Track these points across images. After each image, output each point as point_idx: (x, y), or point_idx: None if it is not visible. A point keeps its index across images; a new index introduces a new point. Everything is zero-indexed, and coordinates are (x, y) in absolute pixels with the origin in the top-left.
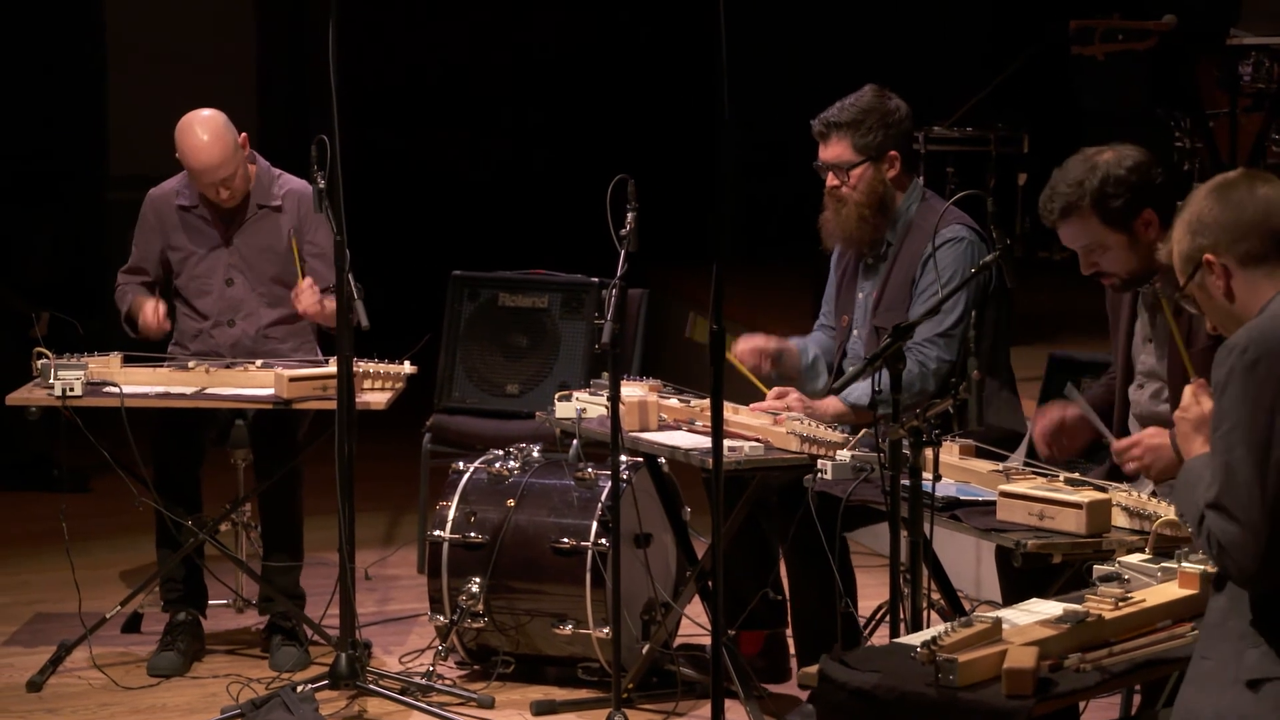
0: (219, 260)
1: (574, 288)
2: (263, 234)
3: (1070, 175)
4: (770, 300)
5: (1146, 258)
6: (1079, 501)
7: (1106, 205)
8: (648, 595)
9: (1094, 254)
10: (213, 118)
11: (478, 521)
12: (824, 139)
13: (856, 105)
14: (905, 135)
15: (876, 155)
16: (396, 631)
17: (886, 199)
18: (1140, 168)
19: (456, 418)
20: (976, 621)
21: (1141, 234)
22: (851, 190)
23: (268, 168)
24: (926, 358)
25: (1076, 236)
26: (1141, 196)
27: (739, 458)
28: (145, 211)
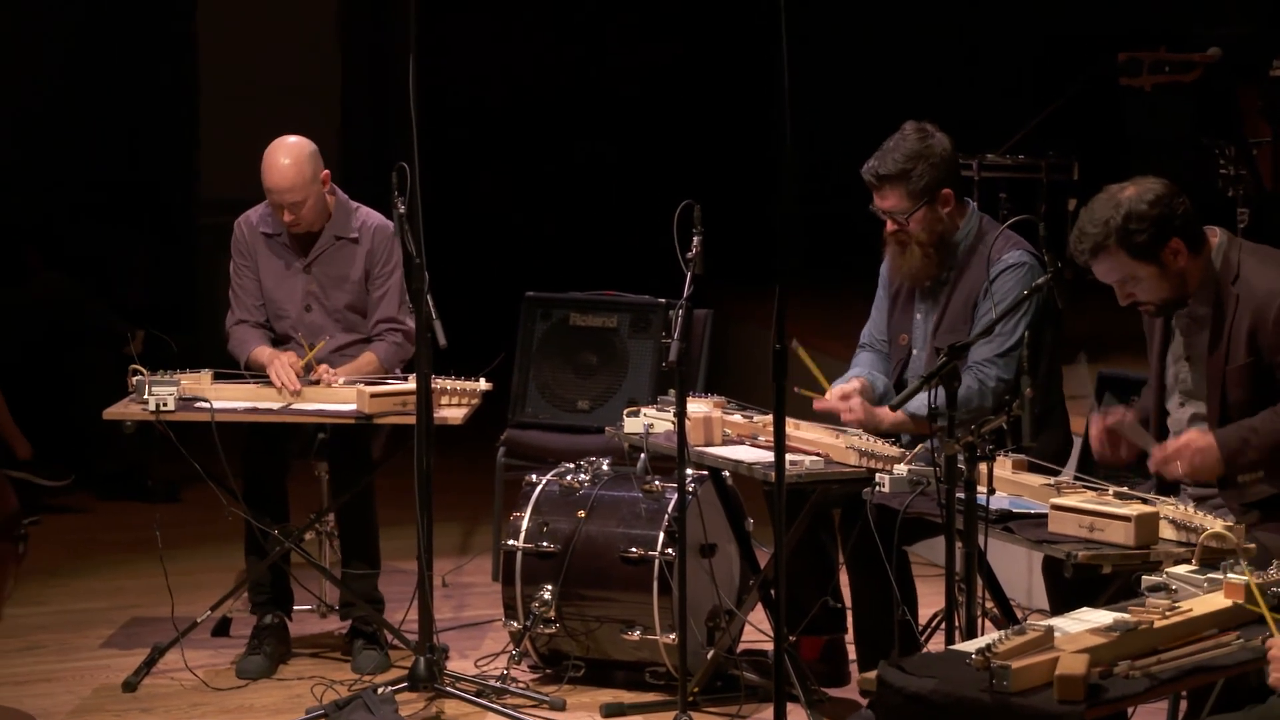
0: (297, 286)
1: (642, 308)
2: (338, 264)
3: (1096, 215)
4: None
5: (1178, 284)
6: (1128, 514)
7: (1132, 240)
8: (712, 603)
9: (1128, 285)
10: (299, 145)
11: (550, 531)
12: (876, 189)
13: (900, 151)
14: (952, 168)
15: (931, 198)
16: (472, 637)
17: (946, 234)
18: (1161, 200)
19: (529, 432)
20: (1029, 629)
21: (1170, 262)
22: (913, 233)
23: (346, 201)
24: (986, 376)
25: (1109, 272)
26: (1165, 228)
27: (800, 471)
28: (235, 241)
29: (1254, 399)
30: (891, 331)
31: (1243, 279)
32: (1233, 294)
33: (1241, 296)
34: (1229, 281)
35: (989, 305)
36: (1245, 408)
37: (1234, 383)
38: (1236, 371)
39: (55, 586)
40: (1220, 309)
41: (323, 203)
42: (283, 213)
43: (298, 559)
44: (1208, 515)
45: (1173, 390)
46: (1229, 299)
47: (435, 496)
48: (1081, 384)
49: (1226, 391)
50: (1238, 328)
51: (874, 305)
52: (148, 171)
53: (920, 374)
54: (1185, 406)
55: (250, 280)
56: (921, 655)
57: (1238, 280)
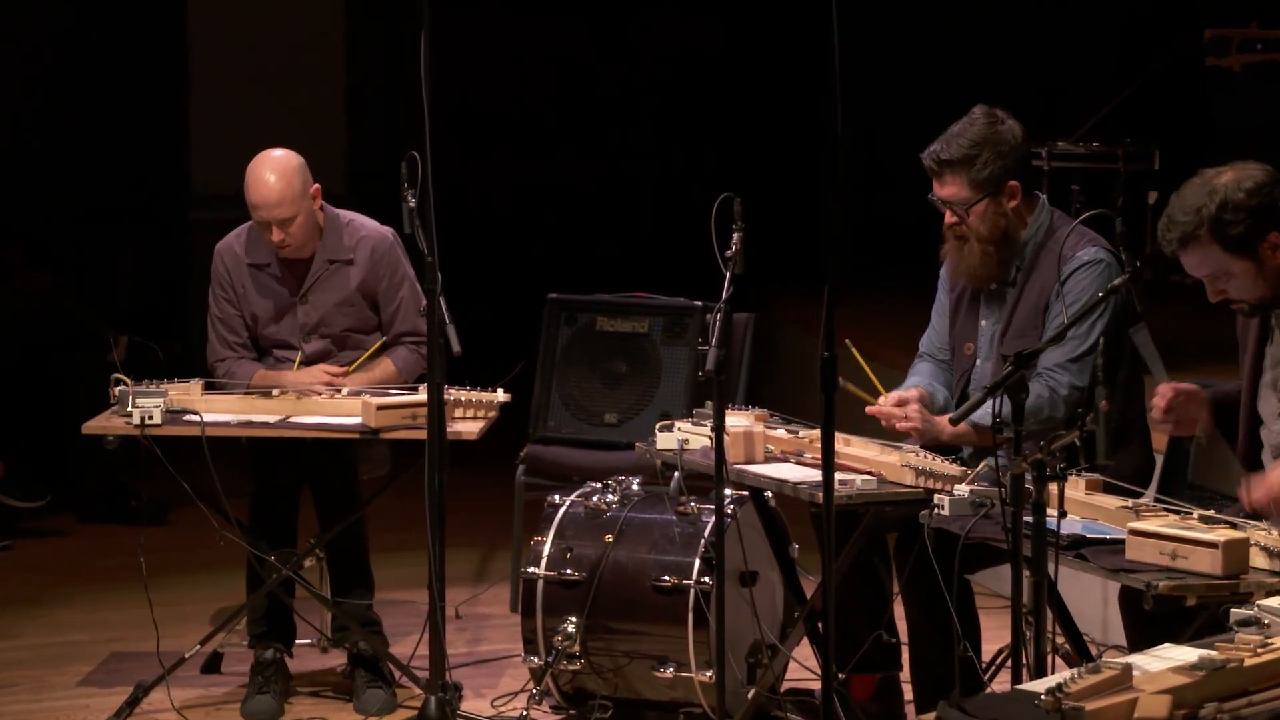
0: (294, 318)
1: (676, 311)
2: (334, 289)
3: (1188, 202)
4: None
5: (1275, 282)
6: (1214, 541)
7: (1226, 232)
8: (753, 637)
9: (1219, 281)
10: (285, 156)
11: (574, 558)
12: (937, 176)
13: (967, 137)
14: (1023, 160)
15: (995, 190)
16: (488, 673)
17: (1010, 231)
18: (1262, 189)
19: (552, 448)
20: (1105, 667)
21: (1268, 258)
22: (973, 227)
23: (336, 217)
24: (1057, 383)
25: (1199, 265)
26: (1265, 219)
27: (850, 491)
28: (217, 270)
29: None
30: (954, 340)
31: None
32: None
33: None
34: None
35: (1060, 308)
36: None
37: None
38: None
39: (30, 618)
40: None
41: (313, 221)
42: (271, 232)
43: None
44: None
45: (1270, 397)
46: None
47: (448, 519)
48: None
49: None
50: None
51: (934, 311)
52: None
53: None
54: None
55: (233, 311)
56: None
57: None
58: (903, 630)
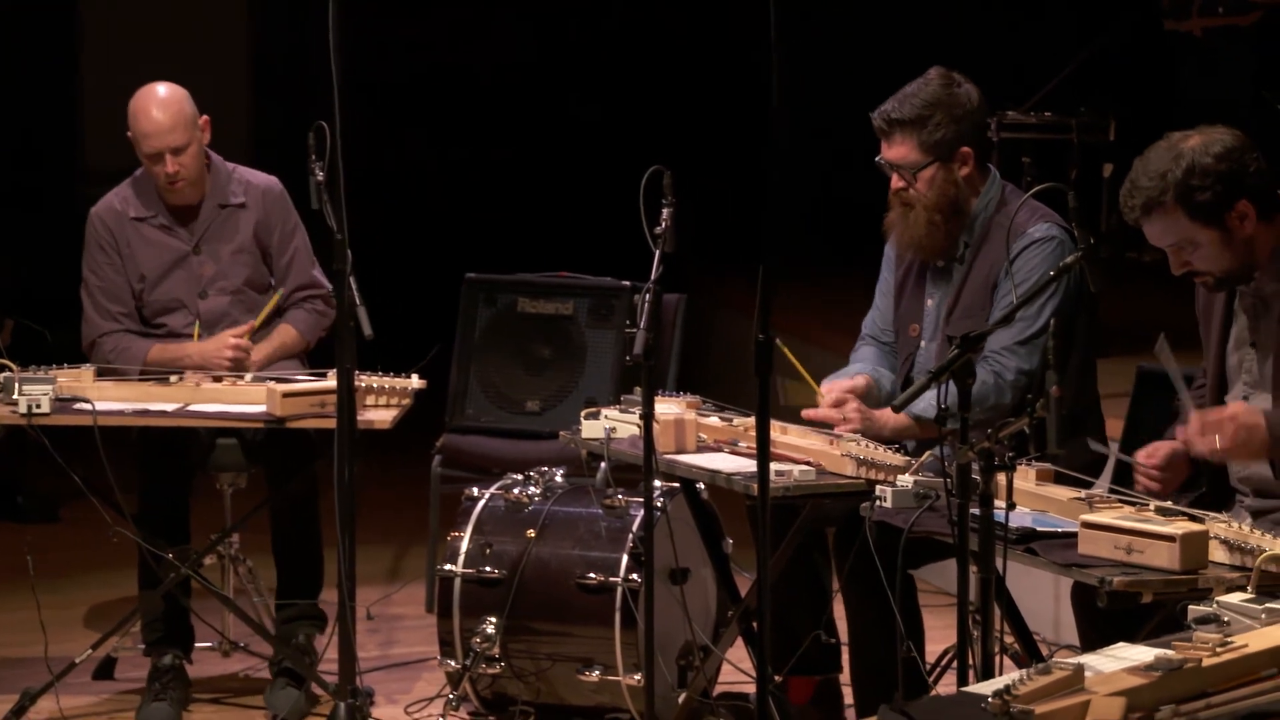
0: (189, 272)
1: (603, 292)
2: (228, 236)
3: (1152, 166)
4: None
5: (1243, 253)
6: (1172, 534)
7: (1193, 199)
8: (685, 637)
9: (1184, 252)
10: (170, 87)
11: (494, 555)
12: (886, 136)
13: (920, 97)
14: (977, 127)
15: (946, 154)
16: (402, 678)
17: (960, 201)
18: (1231, 154)
19: (470, 438)
20: (1055, 668)
21: (1236, 228)
22: (919, 193)
23: (222, 163)
24: (1003, 369)
25: (1163, 234)
26: (1233, 187)
27: (787, 483)
28: (95, 232)
29: None
30: (899, 321)
31: None
32: None
33: None
34: None
35: (1009, 286)
36: None
37: None
38: None
39: None
40: None
41: (203, 156)
42: (164, 164)
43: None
44: (1266, 534)
45: (1234, 381)
46: None
47: (359, 513)
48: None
49: None
50: None
51: (877, 290)
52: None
53: (928, 368)
54: (1250, 400)
55: (117, 278)
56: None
57: None
58: (843, 630)
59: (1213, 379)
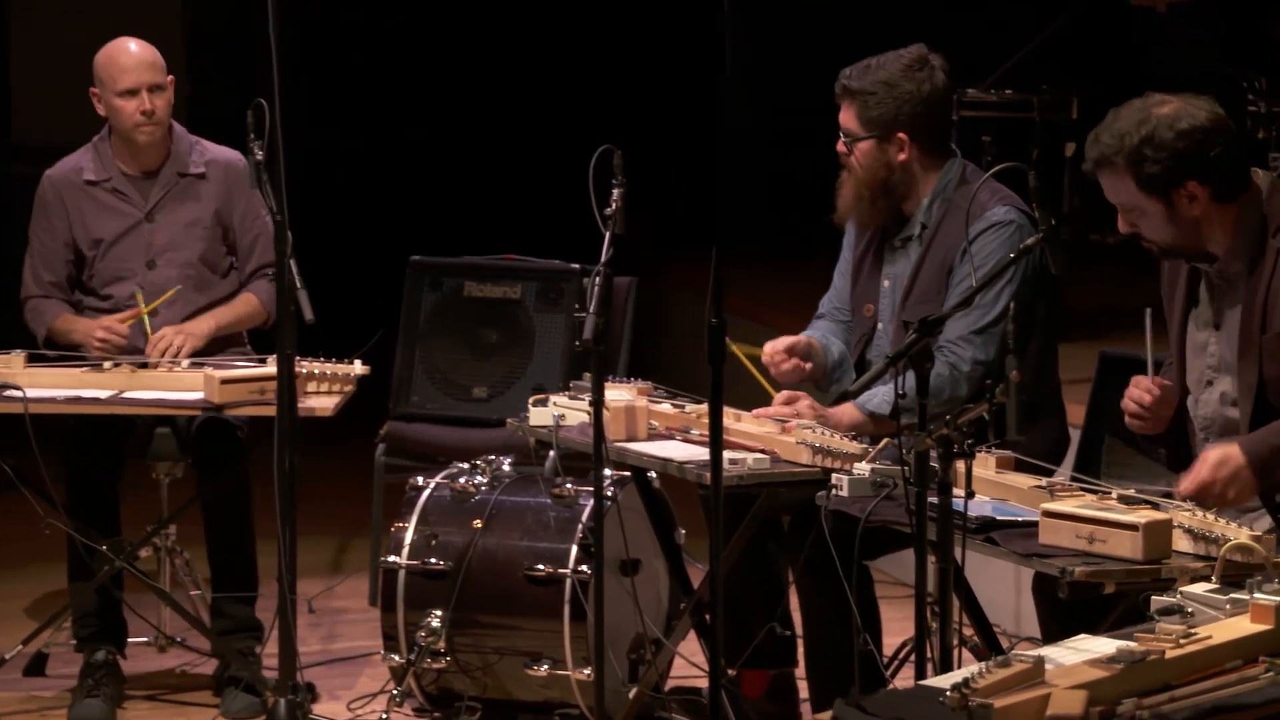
0: (139, 240)
1: (552, 275)
2: (186, 207)
3: (1119, 124)
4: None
5: (1189, 233)
6: (1134, 522)
7: (1142, 169)
8: (636, 630)
9: (1131, 214)
10: (142, 40)
11: (439, 546)
12: (840, 100)
13: (874, 71)
14: (924, 118)
15: (882, 134)
16: (344, 673)
17: (894, 184)
18: (1195, 133)
19: (415, 425)
20: (1015, 661)
21: (1182, 207)
22: (855, 164)
23: (185, 133)
24: (959, 359)
25: (1112, 193)
26: (1186, 166)
27: (741, 471)
28: (45, 197)
29: None
30: (855, 300)
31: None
32: (1273, 248)
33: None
34: (1271, 233)
35: (966, 270)
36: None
37: (1271, 354)
38: (1275, 340)
39: None
40: (1258, 265)
41: (170, 115)
42: (140, 100)
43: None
44: (1231, 523)
45: (1196, 364)
46: (1268, 253)
47: (300, 504)
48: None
49: (1264, 365)
50: (1276, 287)
51: (836, 269)
52: None
53: (885, 353)
54: (1213, 384)
55: (58, 244)
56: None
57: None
58: (798, 622)
59: (1177, 361)
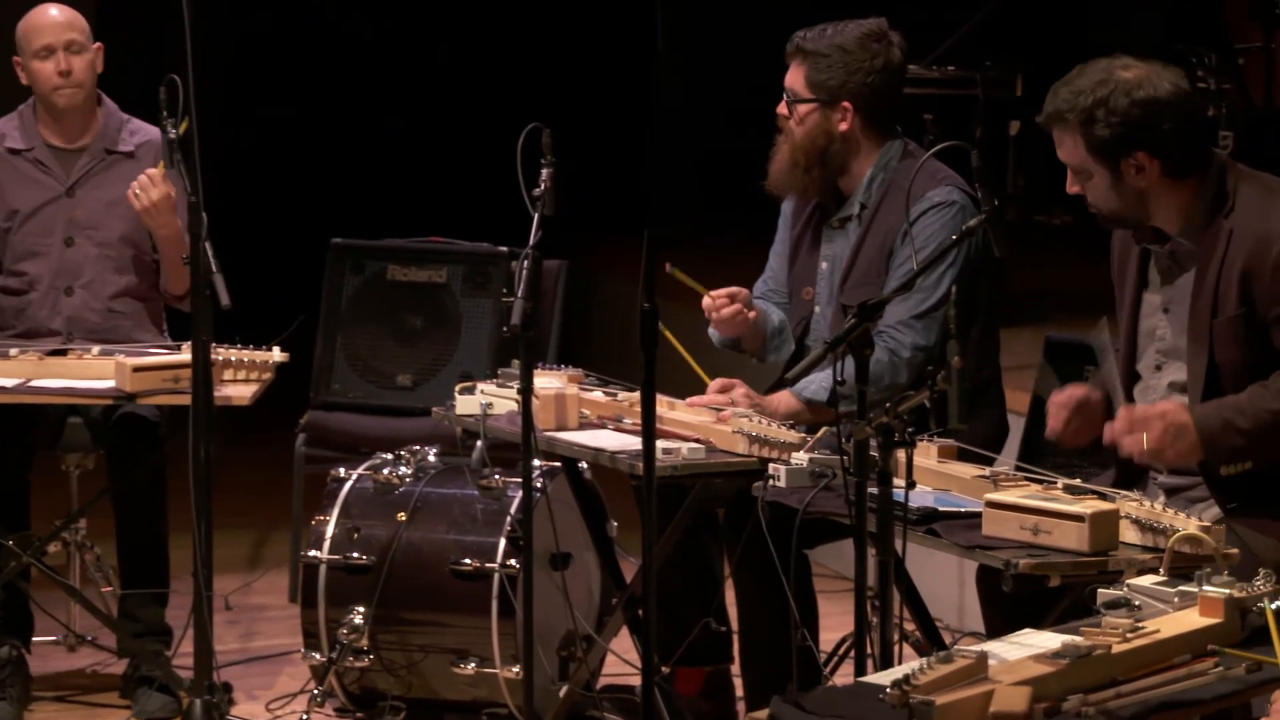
0: (58, 214)
1: (479, 259)
2: (111, 184)
3: (1079, 81)
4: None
5: (1134, 204)
6: (1081, 513)
7: (1093, 131)
8: (566, 627)
9: (1079, 177)
10: (64, 6)
11: (362, 539)
12: (790, 59)
13: (831, 36)
14: (871, 89)
15: (828, 100)
16: (263, 672)
17: (832, 154)
18: (1152, 105)
19: (337, 415)
20: (958, 657)
21: (1129, 177)
22: (793, 127)
23: (115, 109)
24: (899, 345)
25: (1062, 149)
26: (1137, 136)
27: (675, 461)
28: None
29: (1248, 361)
30: (793, 283)
31: (1239, 211)
32: (1225, 229)
33: (1236, 232)
34: (1222, 214)
35: (907, 253)
36: (1237, 371)
37: (1224, 339)
38: (1227, 325)
39: None
40: (1210, 247)
41: (94, 83)
42: (55, 60)
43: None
44: (1180, 513)
45: (1145, 348)
46: (1221, 234)
47: (216, 496)
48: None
49: (1214, 350)
50: (1229, 270)
51: (772, 251)
52: None
53: (823, 337)
54: (1162, 370)
55: None
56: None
57: (1233, 212)
58: (734, 617)
59: (1125, 345)
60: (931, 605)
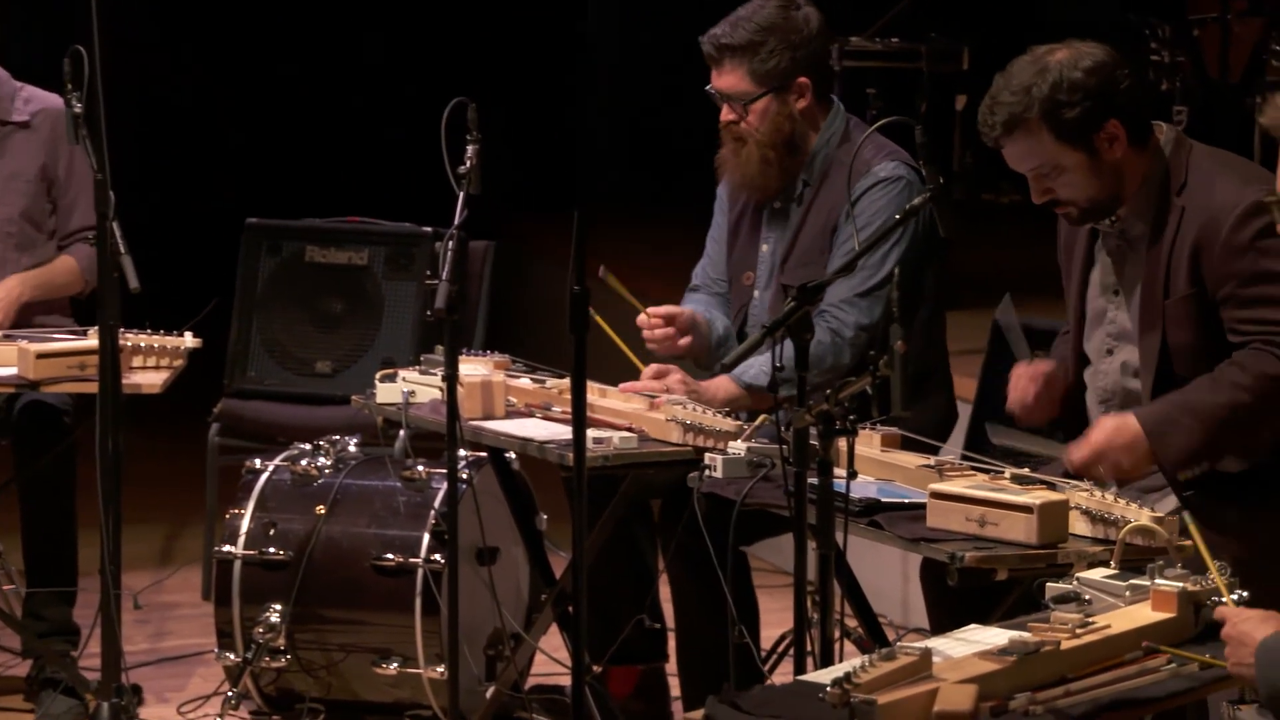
0: None
1: (401, 239)
2: (8, 158)
3: (1016, 80)
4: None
5: (1111, 181)
6: (1029, 504)
7: (1060, 116)
8: (493, 625)
9: (1047, 178)
10: None
11: (279, 534)
12: (715, 64)
13: (754, 21)
14: (816, 56)
15: (781, 85)
16: (175, 674)
17: (796, 137)
18: (1102, 69)
19: (253, 403)
20: (901, 654)
21: (1104, 151)
22: (751, 127)
23: (7, 79)
24: (841, 324)
25: (1025, 156)
26: (1104, 105)
27: (607, 451)
28: None
29: (1201, 342)
30: (732, 269)
31: (1191, 187)
32: (1177, 206)
33: (1188, 209)
34: (1174, 190)
35: (851, 231)
36: (1190, 353)
37: (1176, 321)
38: (1179, 306)
39: None
40: (1161, 225)
41: None
42: None
43: None
44: (1131, 504)
45: (1094, 330)
46: (1172, 212)
47: (126, 489)
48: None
49: (1166, 332)
50: (1180, 249)
51: (709, 235)
52: None
53: (762, 321)
54: (1114, 353)
55: None
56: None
57: (1185, 189)
58: (669, 614)
59: (1074, 329)
60: (874, 600)
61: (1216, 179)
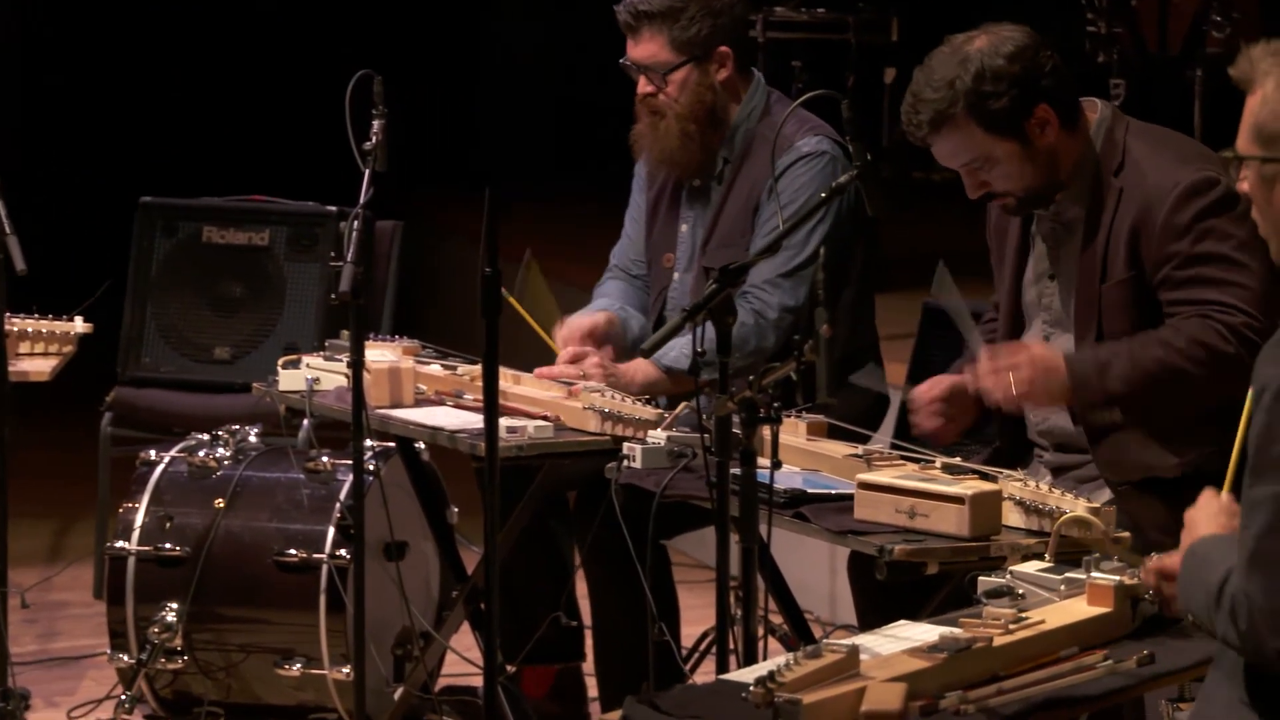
0: None
1: (304, 219)
2: None
3: (937, 75)
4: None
5: (1047, 167)
6: (960, 494)
7: (987, 108)
8: (402, 623)
9: (980, 172)
10: None
11: (175, 529)
12: (632, 32)
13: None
14: (738, 24)
15: (702, 54)
16: (65, 676)
17: (718, 109)
18: (1024, 53)
19: (147, 391)
20: (827, 651)
21: (1037, 138)
22: (670, 100)
23: None
24: (765, 305)
25: (956, 152)
26: (1030, 90)
27: (521, 441)
28: None
29: (1139, 328)
30: (651, 250)
31: (1129, 167)
32: (1115, 187)
33: (1126, 190)
34: (1111, 171)
35: (774, 209)
36: None
37: (1114, 305)
38: (1115, 291)
39: None
40: (1098, 207)
41: None
42: None
43: None
44: (1066, 494)
45: (1032, 318)
46: (1109, 193)
47: (11, 482)
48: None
49: (1103, 318)
50: (1118, 231)
51: (627, 215)
52: None
53: (682, 304)
54: (1051, 341)
55: None
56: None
57: (1122, 170)
58: (586, 611)
59: (1006, 315)
60: (799, 596)
61: (1154, 158)
